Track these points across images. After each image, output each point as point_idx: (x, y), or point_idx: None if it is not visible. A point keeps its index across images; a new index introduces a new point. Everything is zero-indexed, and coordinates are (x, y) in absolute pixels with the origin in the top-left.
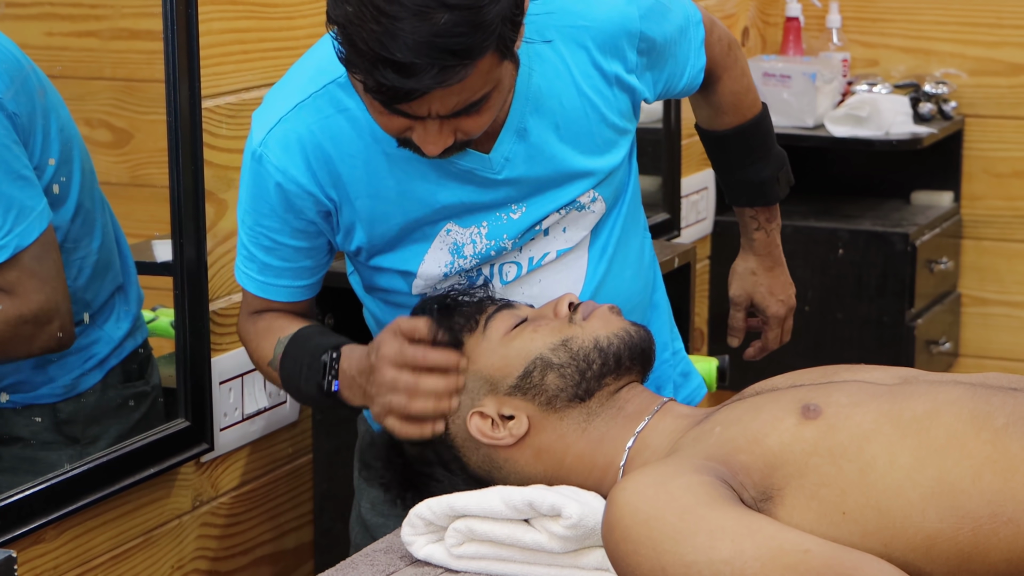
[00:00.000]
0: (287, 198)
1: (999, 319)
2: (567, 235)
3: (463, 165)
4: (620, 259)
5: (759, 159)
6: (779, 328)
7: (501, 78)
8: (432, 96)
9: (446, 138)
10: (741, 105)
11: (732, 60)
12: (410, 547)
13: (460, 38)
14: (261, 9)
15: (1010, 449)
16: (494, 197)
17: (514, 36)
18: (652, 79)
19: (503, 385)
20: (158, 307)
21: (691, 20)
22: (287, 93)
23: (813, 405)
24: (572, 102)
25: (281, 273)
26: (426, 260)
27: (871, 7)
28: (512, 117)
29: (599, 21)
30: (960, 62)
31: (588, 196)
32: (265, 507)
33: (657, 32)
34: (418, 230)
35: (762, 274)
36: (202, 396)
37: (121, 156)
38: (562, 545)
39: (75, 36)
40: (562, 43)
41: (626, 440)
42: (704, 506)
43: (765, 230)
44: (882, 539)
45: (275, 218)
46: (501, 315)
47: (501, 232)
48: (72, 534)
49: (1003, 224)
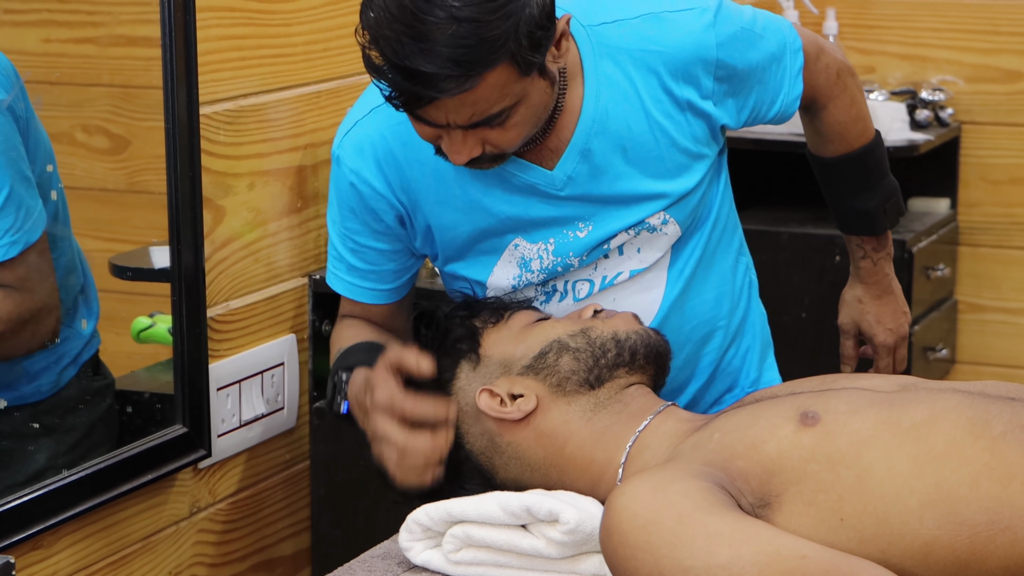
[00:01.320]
0: (363, 199)
1: (996, 326)
2: (641, 256)
3: (526, 179)
4: (701, 281)
5: (866, 189)
6: (889, 357)
7: (527, 94)
8: (443, 105)
9: (472, 148)
10: (848, 135)
11: (840, 89)
12: (407, 553)
13: (464, 50)
14: (259, 16)
15: (1008, 457)
16: (559, 214)
17: (536, 54)
18: (735, 106)
19: (517, 366)
20: (156, 313)
21: (788, 48)
22: (366, 99)
23: (811, 412)
24: (640, 126)
25: (366, 276)
26: (495, 272)
27: (867, 14)
28: (577, 137)
29: (672, 47)
30: (957, 69)
31: (658, 218)
32: (262, 513)
33: (739, 60)
34: (486, 241)
35: (869, 302)
36: (199, 402)
37: (119, 163)
38: (559, 551)
39: (73, 43)
40: (632, 67)
41: (628, 437)
42: (702, 511)
43: (871, 259)
44: (879, 545)
45: (355, 219)
46: (524, 312)
47: (567, 249)
48: (70, 540)
49: (1000, 231)
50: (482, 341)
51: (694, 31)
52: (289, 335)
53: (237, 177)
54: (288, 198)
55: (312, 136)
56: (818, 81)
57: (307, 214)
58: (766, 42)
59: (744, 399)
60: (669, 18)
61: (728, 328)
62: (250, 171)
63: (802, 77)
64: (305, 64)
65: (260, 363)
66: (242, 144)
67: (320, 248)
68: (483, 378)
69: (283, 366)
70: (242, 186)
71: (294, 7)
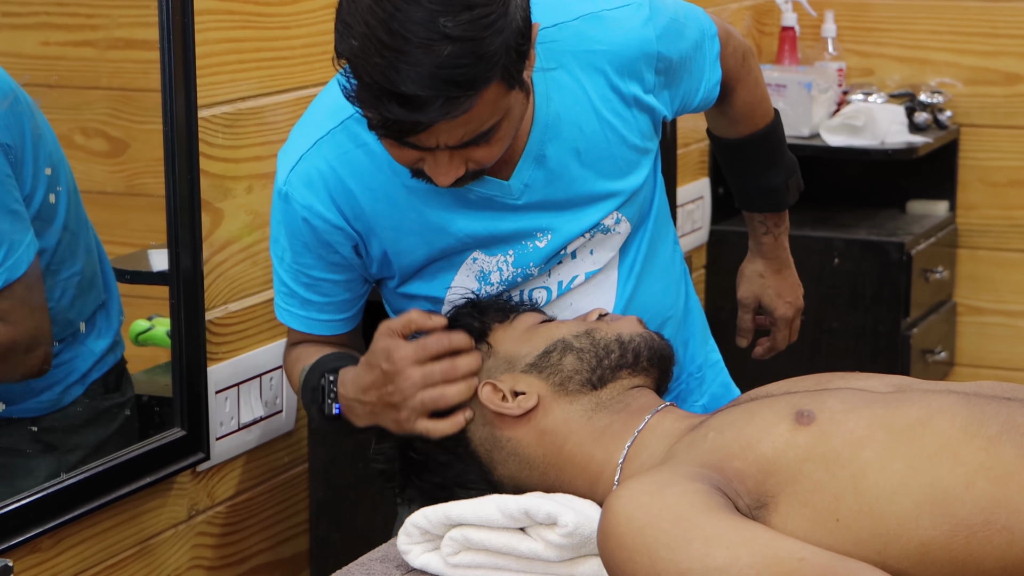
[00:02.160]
0: (317, 234)
1: (994, 328)
2: (595, 257)
3: (482, 192)
4: (649, 274)
5: (771, 166)
6: (787, 329)
7: (510, 107)
8: (439, 128)
9: (457, 168)
10: (754, 114)
11: (746, 71)
12: (406, 556)
13: (463, 69)
14: (257, 19)
15: (1004, 456)
16: (518, 226)
17: (521, 65)
18: (669, 96)
19: (521, 363)
20: (154, 316)
21: (706, 34)
22: (307, 130)
23: (807, 411)
24: (592, 127)
25: (323, 308)
26: (452, 287)
27: (866, 17)
28: (531, 144)
29: (615, 44)
30: (955, 71)
31: (612, 218)
32: (261, 516)
33: (673, 51)
34: (444, 259)
35: (770, 276)
36: (198, 405)
37: (117, 165)
38: (558, 554)
39: (71, 45)
40: (579, 68)
41: (627, 437)
42: (699, 514)
43: (773, 234)
44: (876, 546)
45: (309, 254)
46: (530, 313)
47: (527, 260)
48: (68, 543)
49: (998, 233)
50: (490, 336)
51: (635, 27)
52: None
53: (235, 180)
54: None
55: None
56: (728, 65)
57: None
58: (690, 30)
59: (739, 397)
60: (609, 16)
61: (676, 316)
62: (248, 174)
63: (719, 62)
64: (303, 67)
65: (258, 366)
66: (240, 147)
67: None
68: (488, 372)
69: (282, 369)
70: (240, 189)
71: (292, 10)
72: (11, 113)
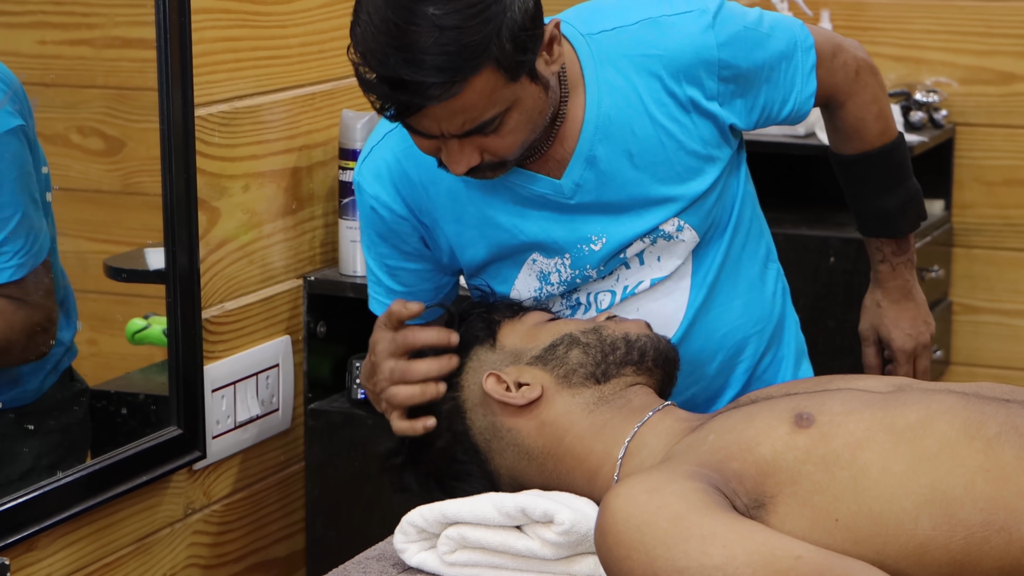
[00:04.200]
0: (386, 223)
1: (990, 327)
2: (661, 264)
3: (535, 190)
4: (726, 288)
5: (885, 189)
6: (908, 364)
7: (518, 99)
8: (433, 114)
9: (470, 157)
10: (867, 132)
11: (860, 86)
12: (402, 555)
13: (447, 57)
14: (254, 18)
15: (1002, 457)
16: (571, 227)
17: (522, 57)
18: (744, 106)
19: (526, 355)
20: (150, 315)
21: (799, 46)
22: (380, 125)
23: (806, 414)
24: (645, 130)
25: (406, 299)
26: (516, 286)
27: (861, 16)
28: (581, 144)
29: (671, 49)
30: (951, 71)
31: (672, 224)
32: (257, 515)
33: (744, 59)
34: (506, 258)
35: (887, 307)
36: (194, 404)
37: (114, 164)
38: (555, 552)
39: (68, 44)
40: (634, 72)
41: (626, 433)
42: (696, 512)
43: (890, 263)
44: (874, 546)
45: (384, 244)
46: (539, 311)
47: (584, 262)
48: (65, 542)
49: (994, 232)
50: (499, 330)
51: (692, 33)
52: (284, 337)
53: (232, 179)
54: (283, 200)
55: (307, 138)
56: (835, 79)
57: (302, 216)
58: (774, 40)
59: (740, 400)
60: (667, 22)
61: (762, 336)
62: (245, 173)
63: (815, 75)
64: (300, 66)
65: (255, 365)
66: (237, 146)
67: (315, 249)
68: (493, 364)
69: (278, 368)
70: (237, 188)
71: (289, 9)
72: (27, 103)
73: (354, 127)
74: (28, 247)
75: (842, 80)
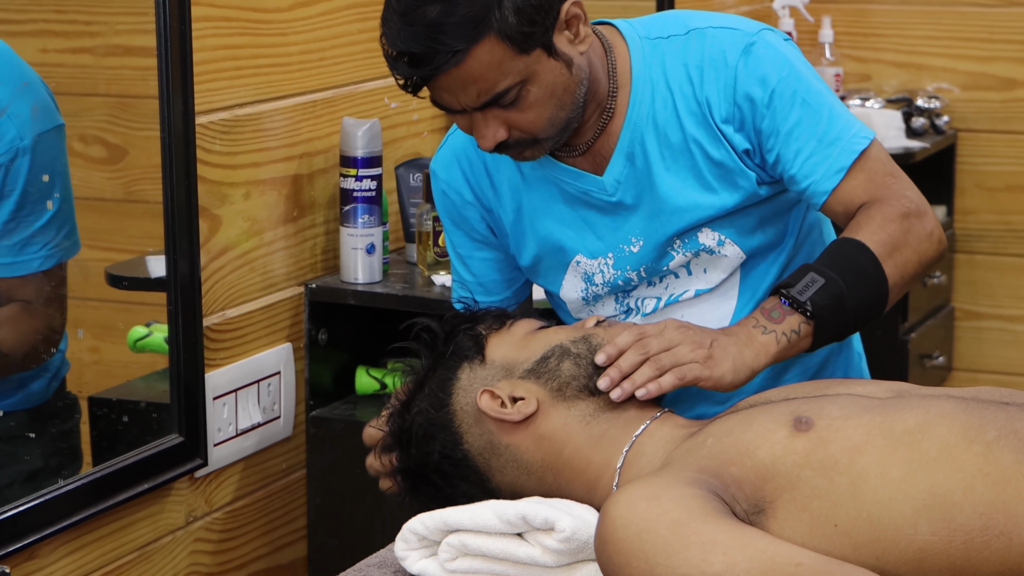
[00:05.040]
0: (456, 208)
1: (992, 333)
2: (707, 276)
3: (579, 186)
4: None
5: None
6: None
7: (534, 72)
8: (446, 85)
9: (496, 131)
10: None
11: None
12: (403, 562)
13: (448, 26)
14: (254, 26)
15: (1002, 462)
16: (612, 227)
17: (529, 29)
18: (744, 139)
19: (519, 369)
20: (152, 323)
21: (844, 136)
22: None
23: (805, 418)
24: (676, 136)
25: (474, 288)
26: (564, 285)
27: (864, 22)
28: (622, 141)
29: (704, 59)
30: (952, 77)
31: (711, 238)
32: (259, 522)
33: (760, 97)
34: (553, 256)
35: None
36: (195, 411)
37: (116, 172)
38: (555, 559)
39: (70, 52)
40: (674, 78)
41: (625, 442)
42: (696, 519)
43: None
44: (874, 552)
45: (456, 230)
46: (528, 320)
47: (625, 263)
48: (66, 550)
49: (996, 238)
50: (486, 344)
51: (724, 49)
52: (285, 344)
53: (233, 186)
54: (284, 207)
55: (308, 145)
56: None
57: (303, 223)
58: (816, 112)
59: (738, 404)
60: (711, 33)
61: (811, 364)
62: (246, 180)
63: (842, 177)
64: (301, 73)
65: (256, 372)
66: (238, 153)
67: (316, 257)
68: (485, 380)
69: (279, 375)
70: (238, 195)
71: (289, 17)
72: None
73: (355, 134)
74: (58, 241)
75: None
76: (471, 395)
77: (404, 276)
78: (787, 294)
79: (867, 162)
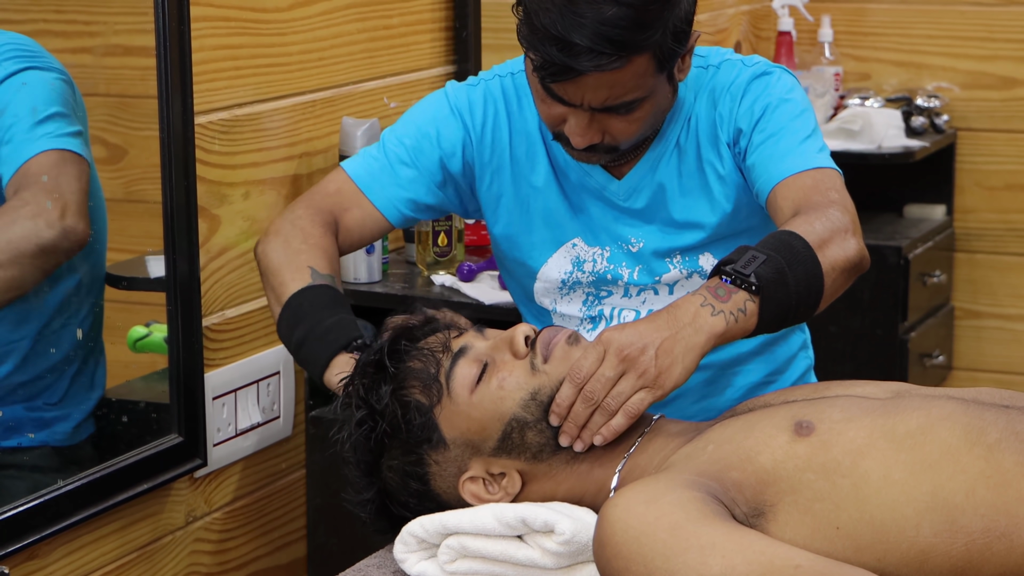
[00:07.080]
0: (441, 114)
1: (992, 332)
2: None
3: (599, 182)
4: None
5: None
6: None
7: (655, 91)
8: (586, 82)
9: (593, 134)
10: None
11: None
12: (403, 564)
13: (621, 30)
14: (254, 25)
15: (1003, 464)
16: (618, 224)
17: (675, 49)
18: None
19: (485, 447)
20: (151, 323)
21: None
22: (493, 69)
23: (806, 422)
24: (693, 155)
25: (390, 168)
26: (549, 263)
27: (863, 21)
28: (649, 155)
29: (720, 84)
30: (952, 76)
31: (710, 263)
32: (258, 522)
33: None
34: (549, 230)
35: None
36: (195, 411)
37: (116, 172)
38: (555, 561)
39: (69, 52)
40: (703, 103)
41: (615, 464)
42: (695, 522)
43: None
44: (876, 554)
45: (422, 139)
46: (459, 369)
47: (620, 259)
48: (66, 550)
49: (996, 237)
50: (439, 424)
51: (740, 73)
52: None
53: (232, 186)
54: (283, 207)
55: (307, 145)
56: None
57: None
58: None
59: (737, 408)
60: (729, 64)
61: (770, 385)
62: (245, 180)
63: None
64: (300, 73)
65: (256, 372)
66: (237, 153)
67: None
68: (455, 463)
69: (279, 375)
70: (237, 195)
71: (289, 17)
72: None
73: (354, 134)
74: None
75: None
76: (448, 481)
77: (403, 276)
78: (731, 270)
79: (822, 175)
